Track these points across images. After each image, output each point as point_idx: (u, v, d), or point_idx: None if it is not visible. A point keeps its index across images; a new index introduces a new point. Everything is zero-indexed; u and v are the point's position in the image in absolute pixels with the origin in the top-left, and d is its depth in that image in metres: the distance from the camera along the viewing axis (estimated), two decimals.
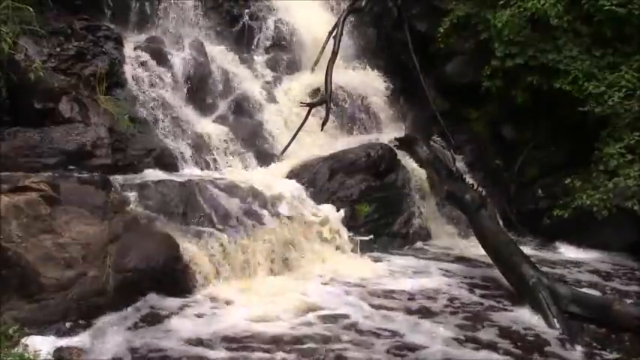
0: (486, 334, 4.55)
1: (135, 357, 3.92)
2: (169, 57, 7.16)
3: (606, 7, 6.75)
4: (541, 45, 7.22)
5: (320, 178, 6.66)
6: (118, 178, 5.35)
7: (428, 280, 5.70)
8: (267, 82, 8.05)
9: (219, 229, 5.35)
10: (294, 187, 6.33)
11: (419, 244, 6.99)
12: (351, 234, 6.32)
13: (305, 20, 8.73)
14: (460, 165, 7.82)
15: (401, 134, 7.87)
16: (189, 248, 5.02)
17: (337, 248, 6.13)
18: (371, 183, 6.87)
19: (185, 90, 7.15)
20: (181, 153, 6.53)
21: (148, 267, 4.70)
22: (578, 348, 4.39)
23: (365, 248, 6.39)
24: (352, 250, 6.25)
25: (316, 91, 7.87)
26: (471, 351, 4.25)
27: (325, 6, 9.17)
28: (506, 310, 5.07)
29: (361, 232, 6.51)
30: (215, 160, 6.78)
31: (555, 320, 4.73)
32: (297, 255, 5.75)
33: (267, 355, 4.04)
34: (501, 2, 7.45)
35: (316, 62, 8.16)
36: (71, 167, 5.37)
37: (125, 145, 5.99)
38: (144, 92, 6.70)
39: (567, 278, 5.99)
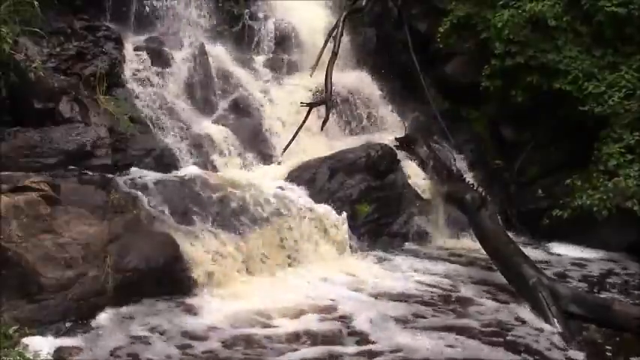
0: (485, 334, 4.56)
1: (135, 357, 3.93)
2: (169, 57, 7.16)
3: (608, 9, 6.72)
4: (541, 45, 7.21)
5: (320, 178, 6.65)
6: (117, 178, 5.35)
7: (427, 280, 5.70)
8: (268, 83, 8.04)
9: (219, 229, 5.35)
10: (292, 188, 6.33)
11: (419, 243, 6.96)
12: (350, 234, 6.32)
13: (305, 20, 8.72)
14: (460, 165, 7.84)
15: (401, 134, 7.86)
16: (189, 248, 5.02)
17: (337, 248, 6.13)
18: (371, 183, 6.87)
19: (185, 90, 7.14)
20: (181, 153, 6.52)
21: (148, 267, 4.71)
22: (578, 348, 4.39)
23: (365, 248, 6.39)
24: (352, 250, 6.26)
25: (316, 91, 7.86)
26: (469, 350, 4.25)
27: (325, 6, 9.16)
28: (506, 309, 5.06)
29: (361, 232, 6.52)
30: (215, 160, 6.76)
31: (555, 320, 4.74)
32: (296, 255, 5.76)
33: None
34: (501, 2, 7.45)
35: (317, 62, 8.15)
36: (71, 167, 5.36)
37: (125, 145, 5.99)
38: (144, 92, 6.69)
39: (567, 278, 6.00)
